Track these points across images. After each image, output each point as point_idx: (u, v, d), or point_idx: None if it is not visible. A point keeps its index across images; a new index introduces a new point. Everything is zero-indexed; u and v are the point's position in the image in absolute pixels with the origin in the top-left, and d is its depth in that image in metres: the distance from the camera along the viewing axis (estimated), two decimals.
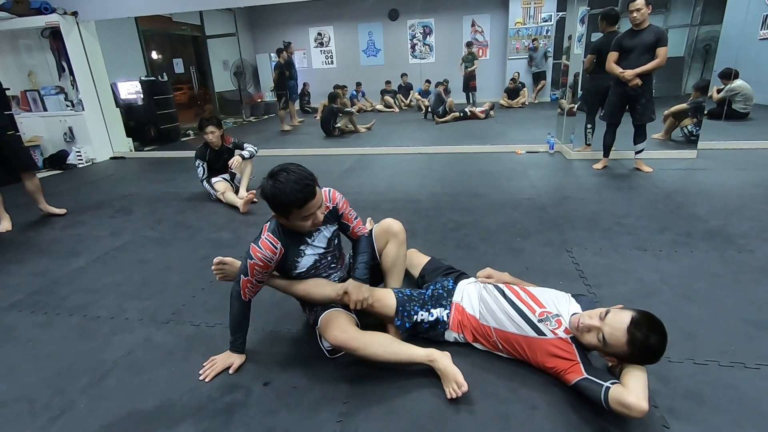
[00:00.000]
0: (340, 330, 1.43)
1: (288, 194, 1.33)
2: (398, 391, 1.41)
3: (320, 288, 1.56)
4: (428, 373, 1.46)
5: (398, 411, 1.34)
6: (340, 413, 1.34)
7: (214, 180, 3.64)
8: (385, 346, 1.44)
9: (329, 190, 1.57)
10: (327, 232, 1.59)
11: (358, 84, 10.15)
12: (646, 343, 1.20)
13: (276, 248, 1.45)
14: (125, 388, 1.50)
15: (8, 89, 3.33)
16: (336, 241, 1.65)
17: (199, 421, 1.34)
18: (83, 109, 5.59)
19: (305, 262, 1.56)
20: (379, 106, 9.88)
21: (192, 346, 1.72)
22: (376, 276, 1.78)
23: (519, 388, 1.40)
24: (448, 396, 1.36)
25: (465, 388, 1.34)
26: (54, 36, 5.42)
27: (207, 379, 1.51)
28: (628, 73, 3.49)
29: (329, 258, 1.63)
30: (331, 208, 1.56)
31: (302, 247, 1.54)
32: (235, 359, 1.57)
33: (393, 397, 1.39)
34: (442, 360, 1.41)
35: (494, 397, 1.36)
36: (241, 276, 1.49)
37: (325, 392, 1.43)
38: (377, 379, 1.47)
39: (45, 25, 5.26)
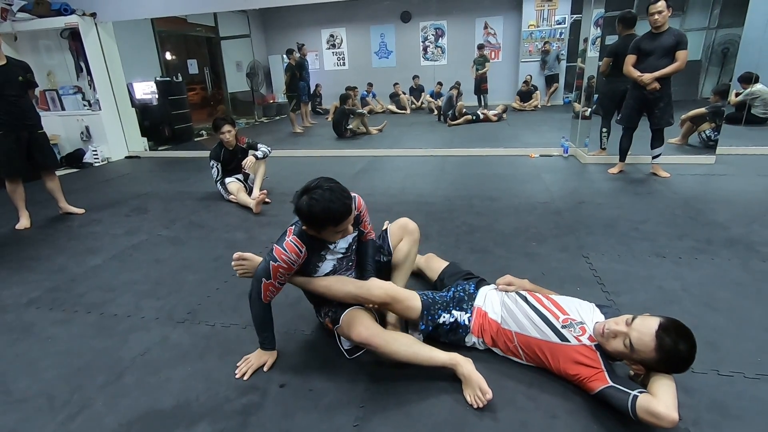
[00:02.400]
0: (364, 327, 1.43)
1: (326, 212, 1.34)
2: (416, 396, 1.40)
3: (341, 284, 1.53)
4: (446, 378, 1.45)
5: (415, 416, 1.32)
6: (357, 417, 1.33)
7: (227, 180, 3.66)
8: (408, 345, 1.44)
9: (355, 197, 1.56)
10: (348, 238, 1.60)
11: (369, 84, 10.16)
12: (675, 349, 1.18)
13: (301, 251, 1.45)
14: (142, 387, 1.51)
15: (37, 86, 3.42)
16: (354, 246, 1.67)
17: (215, 421, 1.34)
18: (100, 109, 5.68)
19: (325, 267, 1.56)
20: (391, 107, 9.89)
21: (208, 346, 1.73)
22: (385, 271, 1.83)
23: (538, 395, 1.37)
24: (470, 403, 1.34)
25: (489, 395, 1.32)
26: (73, 36, 5.52)
27: (245, 378, 1.51)
28: (647, 76, 3.44)
29: (345, 262, 1.64)
30: (355, 216, 1.55)
31: (323, 253, 1.54)
32: (268, 357, 1.58)
33: (410, 402, 1.38)
34: (465, 365, 1.40)
35: (513, 405, 1.34)
36: (263, 279, 1.46)
37: (342, 395, 1.42)
38: (394, 384, 1.46)
39: (64, 25, 5.36)
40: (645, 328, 1.22)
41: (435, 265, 1.97)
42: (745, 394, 1.35)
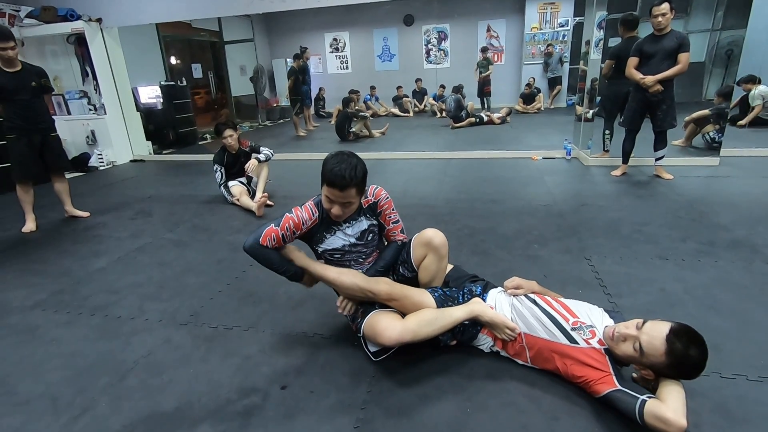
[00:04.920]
0: (389, 330, 1.42)
1: (326, 168, 1.43)
2: (416, 398, 1.40)
3: (351, 275, 1.56)
4: (448, 379, 1.45)
5: (416, 418, 1.32)
6: (358, 419, 1.33)
7: (231, 184, 3.68)
8: (432, 323, 1.47)
9: (375, 187, 1.62)
10: (363, 224, 1.62)
11: (372, 88, 10.19)
12: (686, 354, 1.18)
13: (314, 215, 1.57)
14: (145, 389, 1.52)
15: (53, 90, 3.49)
16: (370, 237, 1.65)
17: (217, 423, 1.35)
18: (105, 113, 5.74)
19: (332, 241, 1.62)
20: (394, 110, 9.92)
21: (210, 347, 1.74)
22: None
23: (540, 397, 1.37)
24: (508, 339, 1.48)
25: (518, 329, 1.45)
26: (79, 42, 5.59)
27: (347, 310, 1.59)
28: (649, 79, 3.43)
29: (359, 250, 1.65)
30: (371, 203, 1.61)
31: (335, 227, 1.60)
32: (310, 274, 1.62)
33: (411, 404, 1.38)
34: (485, 312, 1.50)
35: (514, 407, 1.34)
36: (272, 224, 1.55)
37: (343, 398, 1.42)
38: (395, 386, 1.46)
39: (70, 31, 5.43)
40: (655, 332, 1.22)
41: None
42: (748, 397, 1.34)
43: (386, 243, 1.74)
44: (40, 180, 3.49)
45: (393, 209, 1.65)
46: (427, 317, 1.47)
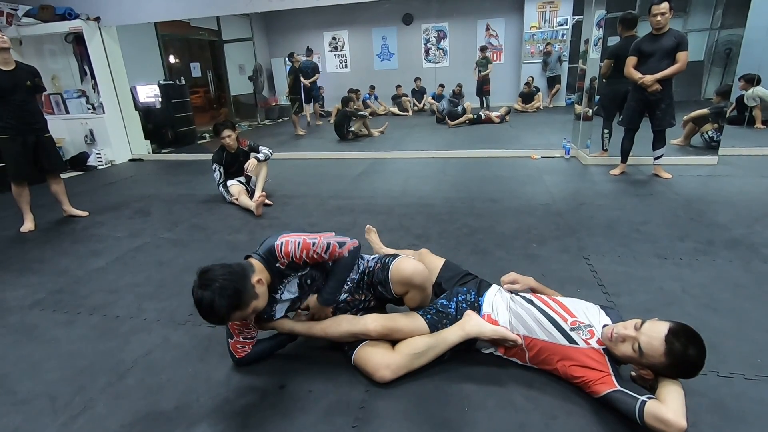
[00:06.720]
0: (382, 371, 1.43)
1: (196, 306, 1.29)
2: (414, 398, 1.40)
3: (336, 326, 1.53)
4: (444, 379, 1.45)
5: (414, 418, 1.33)
6: (356, 418, 1.33)
7: (229, 183, 3.68)
8: (425, 353, 1.45)
9: (280, 246, 1.39)
10: (293, 281, 1.50)
11: (371, 87, 10.19)
12: (685, 353, 1.18)
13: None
14: (144, 388, 1.52)
15: (45, 90, 3.47)
16: (309, 281, 1.54)
17: (215, 422, 1.35)
18: (104, 112, 5.73)
19: (280, 309, 1.54)
20: (393, 109, 9.92)
21: (209, 347, 1.74)
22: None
23: (538, 396, 1.38)
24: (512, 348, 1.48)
25: (520, 339, 1.43)
26: (77, 41, 5.58)
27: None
28: (648, 78, 3.44)
29: (307, 293, 1.57)
30: (288, 263, 1.42)
31: (271, 303, 1.49)
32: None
33: (409, 403, 1.38)
34: (483, 332, 1.46)
35: (512, 406, 1.35)
36: (228, 340, 1.55)
37: (341, 397, 1.43)
38: (393, 386, 1.46)
39: (69, 30, 5.42)
40: (654, 333, 1.22)
41: (431, 263, 1.82)
42: (745, 396, 1.35)
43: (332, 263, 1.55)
44: (35, 180, 3.49)
45: (312, 246, 1.41)
46: (419, 348, 1.45)
